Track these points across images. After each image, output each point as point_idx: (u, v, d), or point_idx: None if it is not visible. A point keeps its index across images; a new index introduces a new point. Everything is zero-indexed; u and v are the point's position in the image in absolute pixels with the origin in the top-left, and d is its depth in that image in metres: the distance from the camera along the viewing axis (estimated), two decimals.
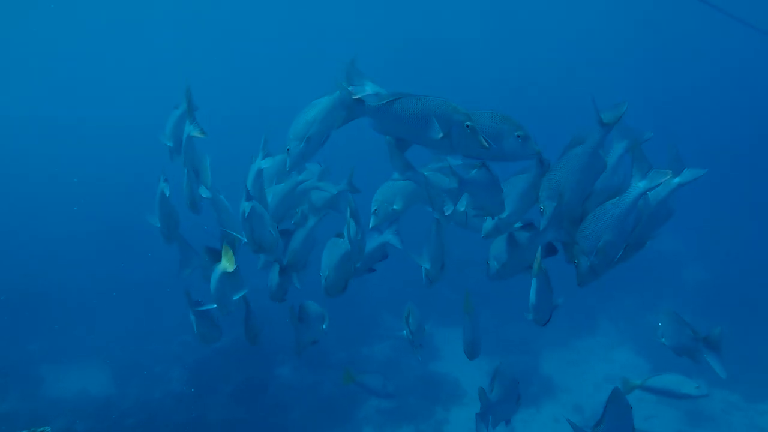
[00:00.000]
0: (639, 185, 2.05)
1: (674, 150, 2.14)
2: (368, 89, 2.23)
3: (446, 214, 2.25)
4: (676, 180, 2.12)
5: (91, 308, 8.56)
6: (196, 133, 2.63)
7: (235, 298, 2.62)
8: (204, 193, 2.75)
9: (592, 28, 20.54)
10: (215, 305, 2.59)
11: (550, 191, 2.09)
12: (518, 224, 2.34)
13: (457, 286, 9.34)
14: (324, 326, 2.77)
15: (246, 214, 2.40)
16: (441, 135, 1.93)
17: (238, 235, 2.66)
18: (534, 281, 2.23)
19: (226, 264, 2.46)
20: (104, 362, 7.60)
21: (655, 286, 9.19)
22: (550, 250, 2.35)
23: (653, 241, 2.29)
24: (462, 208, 2.42)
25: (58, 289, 9.11)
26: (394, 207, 2.45)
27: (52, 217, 12.24)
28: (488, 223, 2.27)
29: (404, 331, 2.91)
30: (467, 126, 1.92)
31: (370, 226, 2.48)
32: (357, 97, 2.00)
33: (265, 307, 3.17)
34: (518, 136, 1.98)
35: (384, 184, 2.53)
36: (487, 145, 1.92)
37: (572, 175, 2.09)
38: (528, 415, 6.36)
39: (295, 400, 6.61)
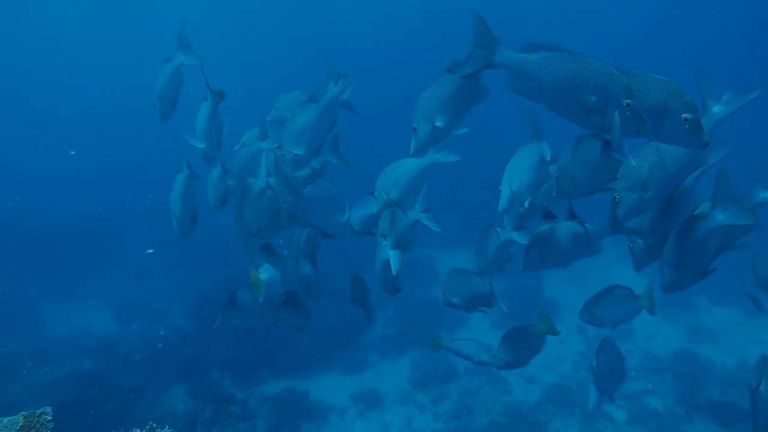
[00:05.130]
0: (718, 218, 1.90)
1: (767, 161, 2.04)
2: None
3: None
4: (764, 195, 2.05)
5: (88, 246, 8.42)
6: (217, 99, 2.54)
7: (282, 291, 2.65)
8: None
9: None
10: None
11: (631, 181, 1.81)
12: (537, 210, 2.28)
13: (454, 207, 9.23)
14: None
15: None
16: (595, 109, 1.57)
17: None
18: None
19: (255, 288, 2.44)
20: (104, 300, 7.54)
21: None
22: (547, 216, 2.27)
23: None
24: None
25: (54, 228, 8.92)
26: (390, 197, 2.29)
27: (51, 154, 11.88)
28: (503, 197, 2.08)
29: (444, 298, 2.62)
30: (627, 105, 1.56)
31: (375, 209, 2.38)
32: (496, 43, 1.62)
33: None
34: (685, 120, 1.56)
35: (386, 169, 2.35)
36: (642, 126, 1.58)
37: (664, 167, 1.80)
38: None
39: (295, 335, 6.61)
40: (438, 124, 1.87)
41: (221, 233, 7.41)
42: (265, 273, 2.45)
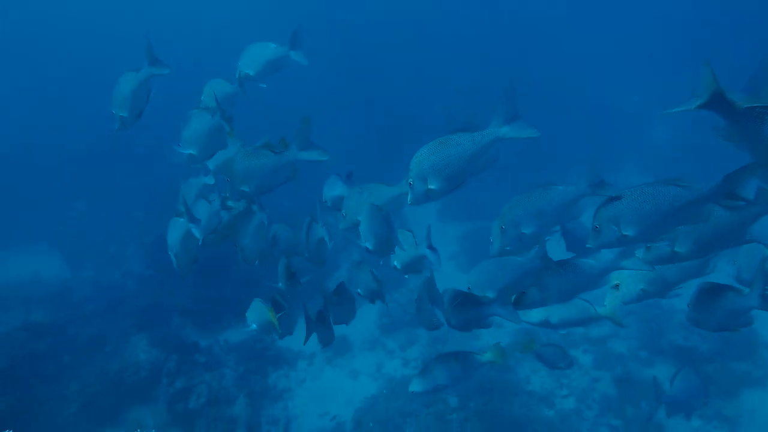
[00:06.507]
0: (755, 301, 2.05)
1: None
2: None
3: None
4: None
5: (31, 186, 7.81)
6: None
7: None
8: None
9: None
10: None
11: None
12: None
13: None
14: None
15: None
16: None
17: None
18: None
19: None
20: (52, 245, 7.08)
21: (619, 148, 9.15)
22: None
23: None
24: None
25: None
26: (359, 218, 2.33)
27: None
28: (509, 237, 2.02)
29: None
30: None
31: (341, 227, 2.44)
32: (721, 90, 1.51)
33: None
34: None
35: (356, 190, 2.40)
36: None
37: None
38: None
39: (261, 277, 6.42)
40: (432, 186, 1.85)
41: (176, 173, 6.99)
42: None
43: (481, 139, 1.78)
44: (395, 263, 2.56)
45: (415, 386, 2.74)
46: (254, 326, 2.60)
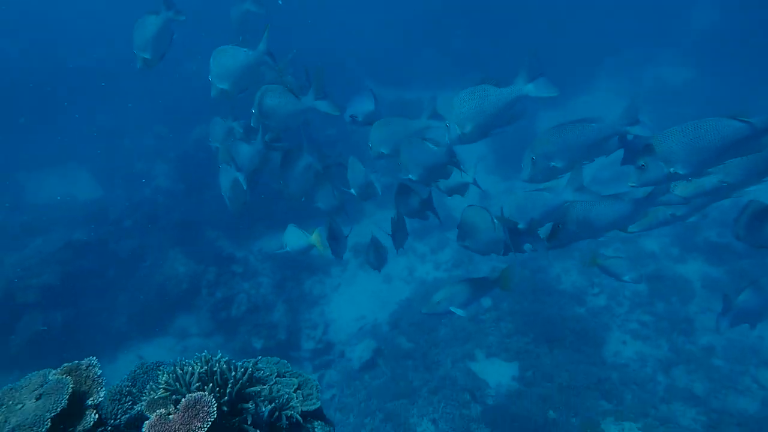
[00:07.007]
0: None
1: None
2: None
3: None
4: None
5: (53, 105, 7.76)
6: None
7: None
8: None
9: None
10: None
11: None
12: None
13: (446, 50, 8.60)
14: None
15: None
16: None
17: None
18: None
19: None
20: (81, 163, 7.15)
21: (658, 32, 8.59)
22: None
23: None
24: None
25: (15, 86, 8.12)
26: (382, 150, 2.42)
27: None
28: (539, 168, 2.05)
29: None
30: None
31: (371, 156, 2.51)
32: None
33: None
34: None
35: (380, 121, 2.43)
36: None
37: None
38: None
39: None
40: (466, 131, 2.02)
41: (196, 85, 6.85)
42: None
43: (507, 95, 1.91)
44: (440, 185, 2.68)
45: (427, 309, 2.81)
46: (288, 248, 2.71)
